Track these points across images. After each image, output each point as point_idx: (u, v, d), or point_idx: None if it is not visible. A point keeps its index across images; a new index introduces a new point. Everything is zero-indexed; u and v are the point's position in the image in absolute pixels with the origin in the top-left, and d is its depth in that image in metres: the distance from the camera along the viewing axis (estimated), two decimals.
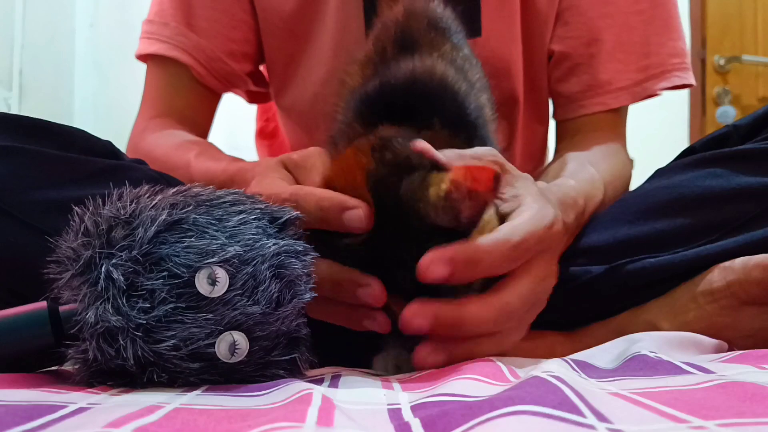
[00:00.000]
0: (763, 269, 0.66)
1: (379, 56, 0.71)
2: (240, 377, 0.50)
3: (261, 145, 1.27)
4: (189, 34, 0.95)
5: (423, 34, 0.71)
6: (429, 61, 0.68)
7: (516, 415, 0.32)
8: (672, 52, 0.95)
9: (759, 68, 2.50)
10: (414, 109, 0.63)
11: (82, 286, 0.48)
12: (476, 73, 0.74)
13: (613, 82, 0.95)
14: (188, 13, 0.96)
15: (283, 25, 0.95)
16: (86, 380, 0.49)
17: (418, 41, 0.71)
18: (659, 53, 0.95)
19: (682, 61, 0.96)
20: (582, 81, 0.96)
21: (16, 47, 2.14)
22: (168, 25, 0.96)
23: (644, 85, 0.95)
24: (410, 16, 0.73)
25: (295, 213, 0.55)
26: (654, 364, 0.50)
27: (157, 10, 0.98)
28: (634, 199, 0.79)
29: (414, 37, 0.71)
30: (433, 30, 0.72)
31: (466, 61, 0.73)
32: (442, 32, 0.73)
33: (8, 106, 2.10)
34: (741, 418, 0.32)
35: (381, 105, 0.63)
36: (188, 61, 0.95)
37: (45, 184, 0.66)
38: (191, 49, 0.95)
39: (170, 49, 0.95)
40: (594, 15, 0.94)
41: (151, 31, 0.97)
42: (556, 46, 0.96)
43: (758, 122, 0.79)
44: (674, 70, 0.95)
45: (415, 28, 0.72)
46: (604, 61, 0.95)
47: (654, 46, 0.95)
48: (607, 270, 0.74)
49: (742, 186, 0.72)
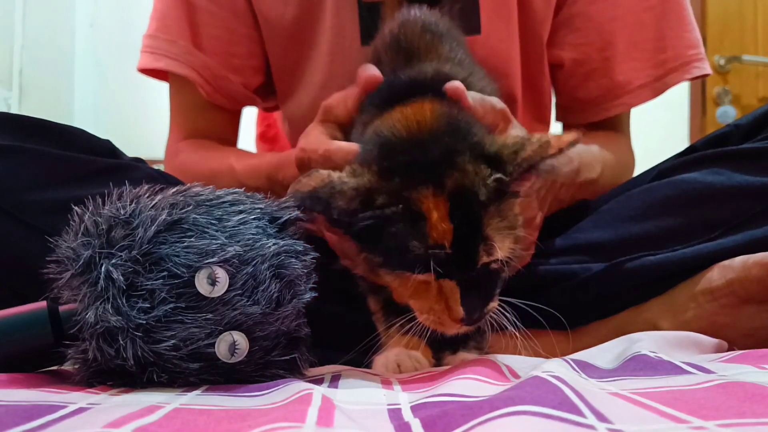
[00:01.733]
0: (762, 267, 0.66)
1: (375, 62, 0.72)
2: (240, 377, 0.50)
3: (261, 148, 1.27)
4: (196, 53, 0.96)
5: (418, 38, 0.72)
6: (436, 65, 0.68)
7: (516, 416, 0.32)
8: (688, 44, 0.95)
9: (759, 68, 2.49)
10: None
11: (82, 286, 0.48)
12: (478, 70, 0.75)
13: (632, 82, 0.95)
14: (194, 32, 0.97)
15: (286, 34, 0.96)
16: (86, 380, 0.49)
17: (416, 45, 0.71)
18: (676, 46, 0.95)
19: (699, 52, 0.96)
20: (601, 85, 0.96)
21: (16, 47, 2.14)
22: (176, 42, 0.96)
23: (664, 80, 0.95)
24: (404, 23, 0.74)
25: (295, 213, 0.55)
26: (654, 364, 0.50)
27: (160, 26, 0.98)
28: (635, 195, 0.80)
29: (410, 42, 0.72)
30: (428, 33, 0.73)
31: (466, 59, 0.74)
32: (438, 35, 0.74)
33: (8, 106, 2.10)
34: (741, 418, 0.32)
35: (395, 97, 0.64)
36: (196, 80, 0.96)
37: (45, 183, 0.66)
38: (199, 68, 0.96)
39: (180, 66, 0.96)
40: (604, 19, 0.94)
41: (157, 47, 0.97)
42: (569, 54, 0.96)
43: (759, 121, 0.79)
44: (692, 61, 0.95)
45: (410, 32, 0.73)
46: (619, 63, 0.95)
47: (669, 40, 0.95)
48: (606, 268, 0.74)
49: (742, 185, 0.72)
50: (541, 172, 0.54)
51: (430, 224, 0.51)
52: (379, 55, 0.74)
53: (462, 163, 0.52)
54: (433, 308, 0.54)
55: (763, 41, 2.51)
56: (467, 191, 0.51)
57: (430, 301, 0.54)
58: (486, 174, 0.52)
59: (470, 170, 0.52)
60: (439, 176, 0.51)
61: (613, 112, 0.97)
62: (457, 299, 0.52)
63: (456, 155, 0.53)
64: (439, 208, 0.51)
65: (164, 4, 0.98)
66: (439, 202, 0.51)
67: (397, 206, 0.51)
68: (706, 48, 2.42)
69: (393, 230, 0.52)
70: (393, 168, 0.53)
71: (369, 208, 0.52)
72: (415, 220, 0.51)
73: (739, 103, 2.49)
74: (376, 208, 0.52)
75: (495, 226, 0.52)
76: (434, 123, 0.56)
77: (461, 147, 0.53)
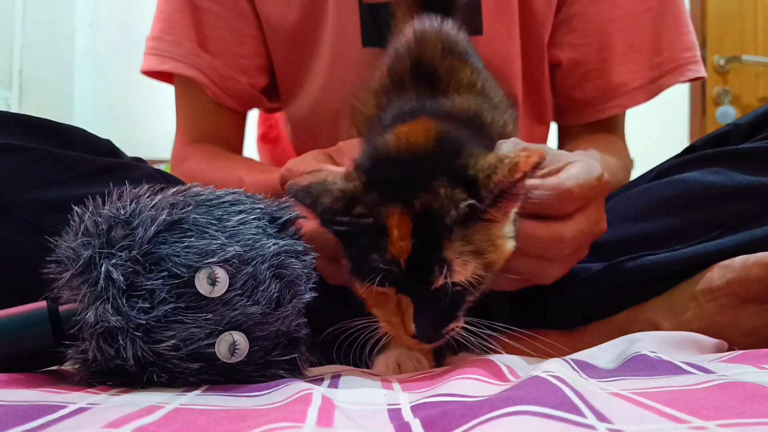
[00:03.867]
0: (762, 267, 0.66)
1: (396, 87, 0.71)
2: (240, 377, 0.50)
3: (263, 149, 1.27)
4: (202, 54, 0.96)
5: (439, 61, 0.71)
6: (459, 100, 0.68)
7: (516, 416, 0.32)
8: (683, 46, 0.95)
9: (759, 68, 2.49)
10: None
11: (82, 285, 0.48)
12: (497, 93, 0.74)
13: (628, 83, 0.95)
14: (199, 34, 0.97)
15: (288, 36, 0.96)
16: (86, 380, 0.49)
17: (436, 70, 0.70)
18: (671, 48, 0.95)
19: (694, 54, 0.96)
20: (597, 86, 0.96)
21: (16, 47, 2.14)
22: (182, 44, 0.96)
23: (659, 82, 0.95)
24: (423, 43, 0.73)
25: (295, 212, 0.55)
26: (654, 364, 0.50)
27: (164, 28, 0.98)
28: (636, 195, 0.79)
29: (430, 65, 0.71)
30: (449, 55, 0.72)
31: (487, 82, 0.73)
32: (459, 56, 0.73)
33: (8, 105, 2.10)
34: (741, 419, 0.32)
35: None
36: (203, 81, 0.96)
37: (45, 182, 0.66)
38: (205, 69, 0.96)
39: (186, 68, 0.96)
40: (602, 20, 0.94)
41: (162, 49, 0.97)
42: (567, 54, 0.96)
43: (758, 121, 0.79)
44: (687, 63, 0.95)
45: (430, 55, 0.71)
46: (616, 64, 0.95)
47: (666, 42, 0.95)
48: (606, 267, 0.74)
49: (742, 184, 0.72)
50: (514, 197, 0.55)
51: (391, 240, 0.52)
52: (401, 78, 0.72)
53: (436, 186, 0.53)
54: (391, 320, 0.56)
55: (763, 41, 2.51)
56: (434, 213, 0.53)
57: (389, 314, 0.56)
58: (460, 198, 0.53)
59: (441, 193, 0.53)
60: (410, 196, 0.53)
61: (608, 113, 0.97)
62: (411, 315, 0.54)
63: (432, 177, 0.54)
64: (401, 226, 0.52)
65: (169, 6, 0.98)
66: (403, 220, 0.53)
67: (369, 219, 0.54)
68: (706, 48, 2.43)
69: (362, 240, 0.54)
70: (375, 182, 0.55)
71: (348, 214, 0.54)
72: (379, 235, 0.53)
73: (739, 103, 2.49)
74: (353, 215, 0.54)
75: (456, 250, 0.53)
76: (424, 143, 0.56)
77: (441, 170, 0.54)
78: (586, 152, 0.85)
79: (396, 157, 0.56)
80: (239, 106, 1.02)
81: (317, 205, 0.55)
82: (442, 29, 0.74)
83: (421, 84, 0.70)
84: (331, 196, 0.55)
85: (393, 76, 0.73)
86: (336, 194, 0.55)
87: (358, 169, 0.57)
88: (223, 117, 1.01)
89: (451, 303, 0.55)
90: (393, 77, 0.73)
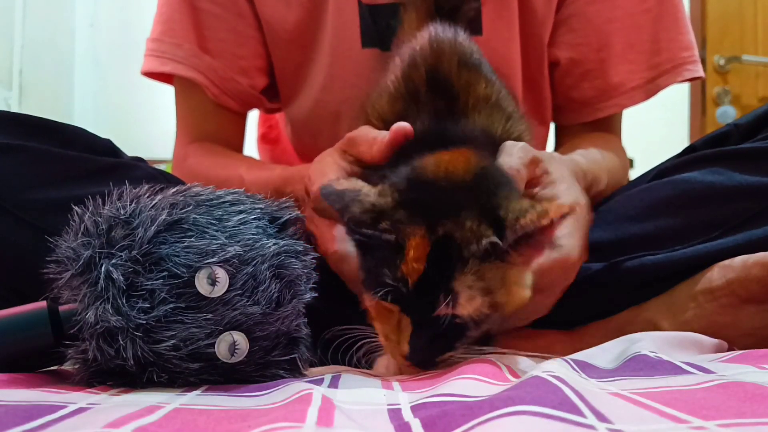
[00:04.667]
0: (762, 267, 0.66)
1: (412, 96, 0.72)
2: (240, 377, 0.50)
3: (263, 149, 1.27)
4: (202, 56, 0.96)
5: (455, 77, 0.72)
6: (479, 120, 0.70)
7: (516, 416, 0.32)
8: (682, 46, 0.96)
9: (759, 68, 2.49)
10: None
11: (82, 285, 0.48)
12: (510, 103, 0.75)
13: (626, 83, 0.96)
14: (199, 35, 0.97)
15: (288, 37, 0.96)
16: (86, 380, 0.49)
17: (453, 84, 0.71)
18: (670, 48, 0.95)
19: (692, 54, 0.96)
20: (595, 86, 0.96)
21: (16, 47, 2.14)
22: (182, 46, 0.96)
23: (657, 81, 0.96)
24: (439, 55, 0.73)
25: (295, 213, 0.55)
26: (654, 364, 0.50)
27: (165, 29, 0.98)
28: (636, 195, 0.80)
29: (447, 80, 0.71)
30: (464, 69, 0.73)
31: (500, 93, 0.74)
32: (474, 69, 0.73)
33: (8, 105, 2.10)
34: (741, 419, 0.32)
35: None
36: (203, 82, 0.96)
37: (45, 182, 0.66)
38: (205, 70, 0.96)
39: (186, 69, 0.96)
40: (601, 20, 0.94)
41: (163, 50, 0.97)
42: (566, 53, 0.97)
43: (758, 121, 0.79)
44: (685, 63, 0.96)
45: (447, 70, 0.72)
46: (615, 64, 0.95)
47: (664, 42, 0.95)
48: (605, 267, 0.74)
49: (742, 184, 0.72)
50: (538, 244, 0.55)
51: (405, 259, 0.53)
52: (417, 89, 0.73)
53: (464, 217, 0.54)
54: (389, 336, 0.57)
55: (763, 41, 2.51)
56: (454, 243, 0.53)
57: (388, 330, 0.57)
58: (485, 234, 0.53)
59: (467, 226, 0.54)
60: (436, 222, 0.54)
61: (606, 112, 0.97)
62: (407, 337, 0.55)
63: (462, 210, 0.54)
64: (419, 248, 0.53)
65: (169, 8, 0.98)
66: (422, 243, 0.53)
67: (391, 235, 0.54)
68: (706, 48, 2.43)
69: (379, 254, 0.55)
70: (406, 202, 0.56)
71: (373, 228, 0.55)
72: (396, 252, 0.54)
73: (739, 103, 2.49)
74: (378, 230, 0.55)
75: (467, 283, 0.53)
76: (462, 175, 0.57)
77: (473, 204, 0.55)
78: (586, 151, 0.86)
79: (432, 182, 0.57)
80: (239, 107, 1.02)
81: (346, 211, 0.56)
82: (457, 41, 0.75)
83: (438, 98, 0.71)
84: (361, 206, 0.56)
85: (409, 84, 0.74)
86: (366, 206, 0.56)
87: (393, 187, 0.57)
88: (223, 118, 1.01)
89: (450, 333, 0.55)
90: (409, 85, 0.73)
